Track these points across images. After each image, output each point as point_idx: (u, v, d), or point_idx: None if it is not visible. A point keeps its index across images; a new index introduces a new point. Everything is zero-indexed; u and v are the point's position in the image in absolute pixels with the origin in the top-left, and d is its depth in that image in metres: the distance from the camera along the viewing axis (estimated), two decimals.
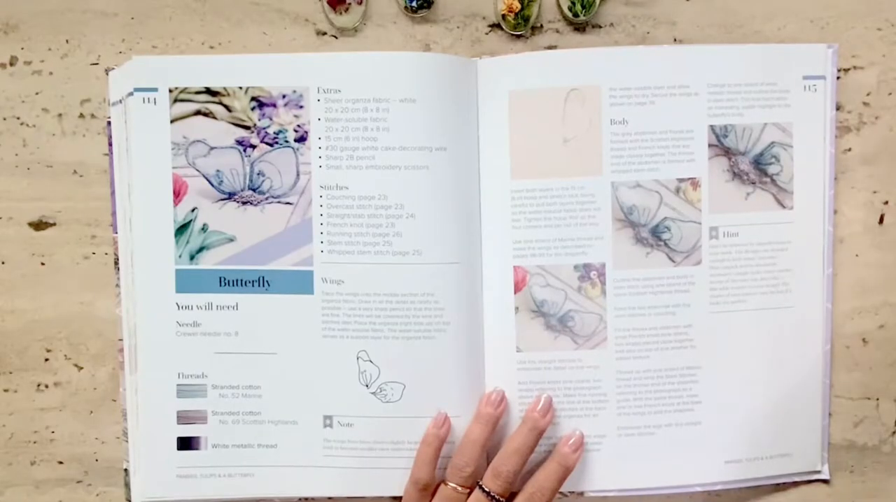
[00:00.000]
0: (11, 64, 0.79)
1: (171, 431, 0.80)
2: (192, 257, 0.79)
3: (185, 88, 0.78)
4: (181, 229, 0.79)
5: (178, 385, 0.80)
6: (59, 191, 0.80)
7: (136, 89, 0.77)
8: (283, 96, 0.78)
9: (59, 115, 0.79)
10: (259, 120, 0.78)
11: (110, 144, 0.79)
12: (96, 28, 0.79)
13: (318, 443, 0.80)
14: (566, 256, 0.78)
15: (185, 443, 0.80)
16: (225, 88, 0.78)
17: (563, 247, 0.78)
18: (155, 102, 0.78)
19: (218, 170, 0.78)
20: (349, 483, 0.80)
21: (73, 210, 0.80)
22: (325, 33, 0.79)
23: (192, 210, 0.78)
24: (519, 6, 0.78)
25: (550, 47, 0.80)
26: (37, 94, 0.79)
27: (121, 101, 0.78)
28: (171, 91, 0.78)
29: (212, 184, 0.78)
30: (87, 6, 0.78)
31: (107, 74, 0.78)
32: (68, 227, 0.80)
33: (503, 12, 0.78)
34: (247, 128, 0.78)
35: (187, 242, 0.79)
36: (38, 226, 0.80)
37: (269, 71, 0.78)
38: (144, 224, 0.79)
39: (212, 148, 0.78)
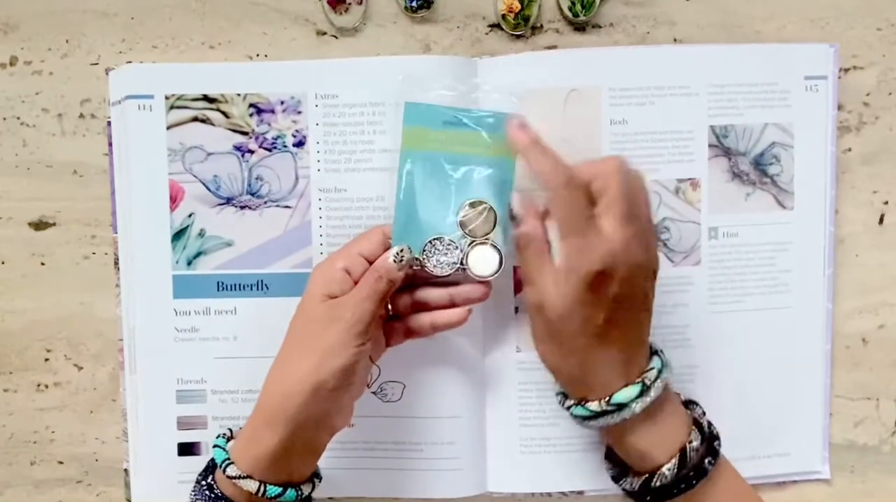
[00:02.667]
0: (11, 64, 0.79)
1: (171, 437, 0.80)
2: (189, 262, 0.79)
3: (182, 95, 0.78)
4: (178, 234, 0.79)
5: (177, 390, 0.80)
6: (59, 191, 0.80)
7: (132, 96, 0.78)
8: (282, 102, 0.78)
9: (59, 115, 0.79)
10: (257, 126, 0.78)
11: (110, 144, 0.79)
12: (96, 28, 0.79)
13: None
14: None
15: (186, 449, 0.80)
16: (222, 95, 0.78)
17: None
18: (151, 109, 0.78)
19: (215, 176, 0.78)
20: (351, 484, 0.81)
21: (73, 210, 0.80)
22: (325, 33, 0.79)
23: (189, 215, 0.79)
24: (519, 6, 0.78)
25: (550, 47, 0.80)
26: (37, 94, 0.79)
27: (120, 102, 0.78)
28: (167, 98, 0.78)
29: (209, 190, 0.79)
30: (87, 6, 0.78)
31: (107, 74, 0.78)
32: (68, 227, 0.80)
33: (503, 12, 0.78)
34: (245, 133, 0.78)
35: (184, 247, 0.79)
36: (38, 226, 0.80)
37: (266, 78, 0.78)
38: (141, 229, 0.79)
39: (209, 153, 0.78)
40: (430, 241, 0.71)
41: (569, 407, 0.69)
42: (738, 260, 0.80)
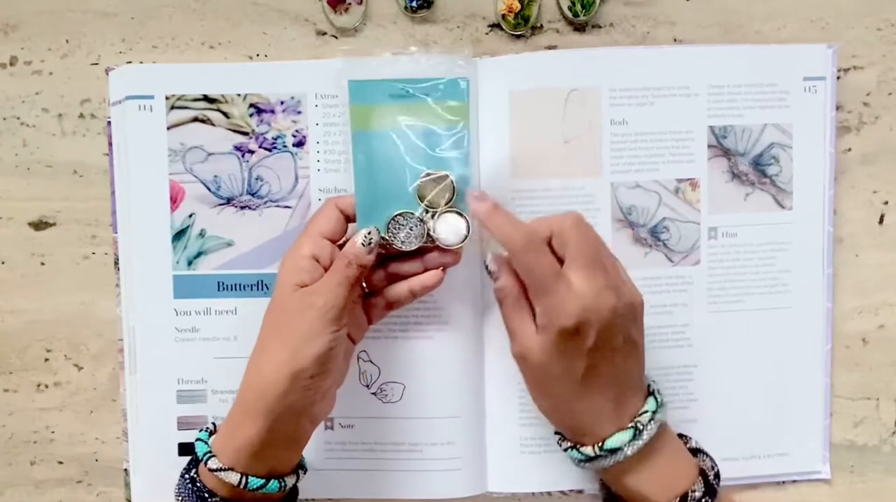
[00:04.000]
0: (11, 64, 0.79)
1: (171, 437, 0.80)
2: (189, 263, 0.79)
3: (182, 96, 0.78)
4: (178, 235, 0.79)
5: (177, 391, 0.80)
6: (59, 191, 0.80)
7: (132, 96, 0.78)
8: (282, 103, 0.78)
9: (59, 115, 0.79)
10: (257, 126, 0.78)
11: (110, 144, 0.79)
12: (96, 28, 0.79)
13: (320, 446, 0.80)
14: None
15: (186, 449, 0.80)
16: (223, 95, 0.78)
17: None
18: (151, 109, 0.78)
19: (216, 176, 0.79)
20: (351, 485, 0.81)
21: (73, 210, 0.80)
22: (325, 33, 0.79)
23: (190, 215, 0.79)
24: (519, 6, 0.78)
25: (550, 47, 0.80)
26: (37, 94, 0.79)
27: (120, 102, 0.78)
28: (167, 98, 0.78)
29: (209, 190, 0.79)
30: (87, 6, 0.78)
31: (107, 74, 0.78)
32: (68, 227, 0.80)
33: (503, 12, 0.78)
34: (245, 134, 0.78)
35: (185, 248, 0.79)
36: (38, 226, 0.80)
37: (266, 78, 0.78)
38: (141, 229, 0.79)
39: (209, 154, 0.78)
40: (392, 218, 0.71)
41: (565, 450, 0.71)
42: (738, 260, 0.80)
